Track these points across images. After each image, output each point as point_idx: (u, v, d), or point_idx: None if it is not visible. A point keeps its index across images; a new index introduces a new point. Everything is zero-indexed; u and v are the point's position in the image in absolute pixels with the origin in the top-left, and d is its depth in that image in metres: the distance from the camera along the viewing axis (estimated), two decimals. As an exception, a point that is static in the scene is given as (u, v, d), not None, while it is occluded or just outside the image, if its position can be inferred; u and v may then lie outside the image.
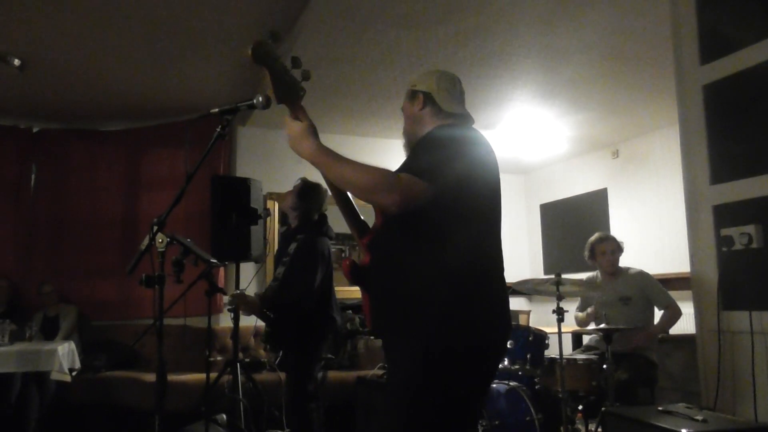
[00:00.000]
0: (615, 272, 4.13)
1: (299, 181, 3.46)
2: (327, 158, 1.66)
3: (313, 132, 1.71)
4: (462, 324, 1.61)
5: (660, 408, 2.54)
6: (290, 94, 1.75)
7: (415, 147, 1.81)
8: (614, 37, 4.01)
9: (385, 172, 1.61)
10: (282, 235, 3.77)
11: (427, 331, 1.60)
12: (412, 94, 1.94)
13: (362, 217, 1.98)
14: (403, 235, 1.69)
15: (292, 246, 3.33)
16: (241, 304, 3.40)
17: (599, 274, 4.24)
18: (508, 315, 1.75)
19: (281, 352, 3.73)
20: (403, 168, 1.69)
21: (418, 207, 1.59)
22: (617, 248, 4.15)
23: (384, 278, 1.75)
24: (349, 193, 1.94)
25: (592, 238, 4.25)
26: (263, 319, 3.35)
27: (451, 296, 1.61)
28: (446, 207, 1.62)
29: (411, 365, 1.61)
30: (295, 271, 3.23)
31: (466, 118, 1.93)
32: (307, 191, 3.40)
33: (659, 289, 4.01)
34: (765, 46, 2.50)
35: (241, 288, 3.49)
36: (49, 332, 4.89)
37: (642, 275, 4.08)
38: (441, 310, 1.60)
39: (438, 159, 1.66)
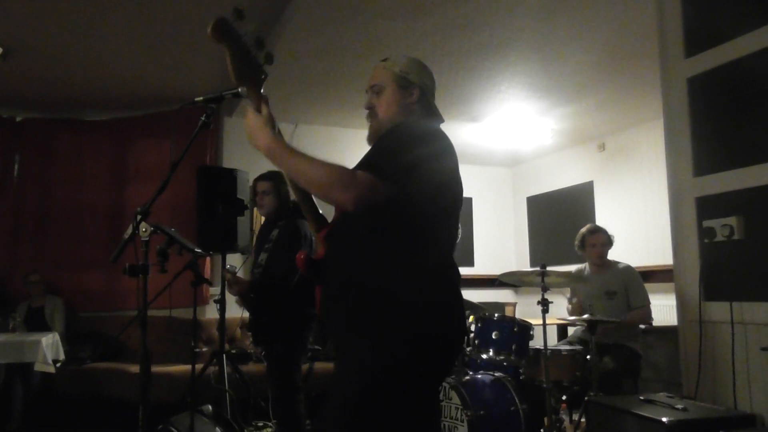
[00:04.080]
0: (603, 265, 4.15)
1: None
2: (283, 151, 1.62)
3: (272, 125, 1.67)
4: (427, 320, 1.55)
5: (642, 397, 2.58)
6: (250, 75, 1.68)
7: (387, 135, 1.67)
8: (603, 30, 4.02)
9: (341, 170, 1.53)
10: (261, 224, 3.75)
11: (389, 327, 1.53)
12: (406, 83, 1.78)
13: (321, 211, 1.90)
14: (363, 230, 1.62)
15: (274, 232, 3.33)
16: (232, 279, 3.36)
17: (588, 266, 4.27)
18: (463, 312, 1.72)
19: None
20: (368, 160, 1.60)
21: (375, 205, 1.53)
22: (607, 241, 4.17)
23: (339, 272, 1.66)
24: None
25: (584, 229, 4.26)
26: (246, 304, 3.35)
27: (414, 291, 1.56)
28: (411, 206, 1.56)
29: (371, 361, 1.52)
30: (281, 253, 3.23)
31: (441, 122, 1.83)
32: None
33: (640, 287, 4.03)
34: (749, 38, 2.53)
35: (231, 265, 3.45)
36: (34, 323, 4.86)
37: (628, 270, 4.10)
38: (403, 307, 1.54)
39: (411, 158, 1.57)
